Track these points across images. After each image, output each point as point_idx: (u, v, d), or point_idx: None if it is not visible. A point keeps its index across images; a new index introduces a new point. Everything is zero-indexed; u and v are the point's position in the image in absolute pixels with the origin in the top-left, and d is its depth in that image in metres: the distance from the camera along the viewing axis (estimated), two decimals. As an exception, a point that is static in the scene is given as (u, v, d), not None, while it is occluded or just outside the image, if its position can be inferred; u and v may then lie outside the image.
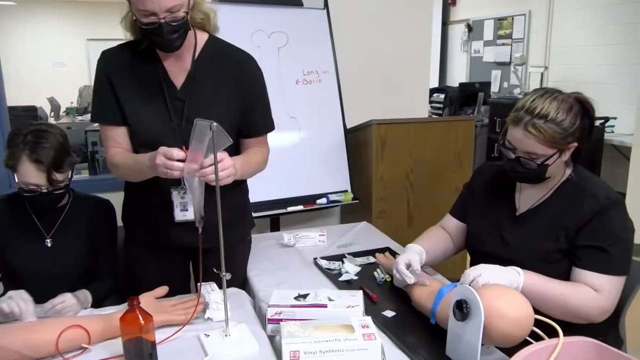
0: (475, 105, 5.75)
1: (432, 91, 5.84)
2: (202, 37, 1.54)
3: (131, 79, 1.50)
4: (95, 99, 1.55)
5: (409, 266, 1.50)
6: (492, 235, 1.55)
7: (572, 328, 1.26)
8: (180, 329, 1.34)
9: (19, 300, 1.35)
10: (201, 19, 1.52)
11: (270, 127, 1.66)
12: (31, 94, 6.90)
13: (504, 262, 1.39)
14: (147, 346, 1.18)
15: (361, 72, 2.98)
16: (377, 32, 3.00)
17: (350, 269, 1.73)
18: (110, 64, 1.51)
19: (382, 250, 1.88)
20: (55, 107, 7.35)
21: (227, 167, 1.33)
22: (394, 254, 1.84)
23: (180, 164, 1.29)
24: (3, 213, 1.68)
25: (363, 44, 2.97)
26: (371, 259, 1.84)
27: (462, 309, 1.16)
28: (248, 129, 1.60)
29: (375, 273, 1.72)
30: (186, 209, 1.53)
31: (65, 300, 1.47)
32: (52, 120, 6.77)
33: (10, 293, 1.39)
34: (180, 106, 1.50)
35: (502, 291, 1.20)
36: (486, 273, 1.33)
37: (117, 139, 1.54)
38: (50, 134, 1.57)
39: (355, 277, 1.70)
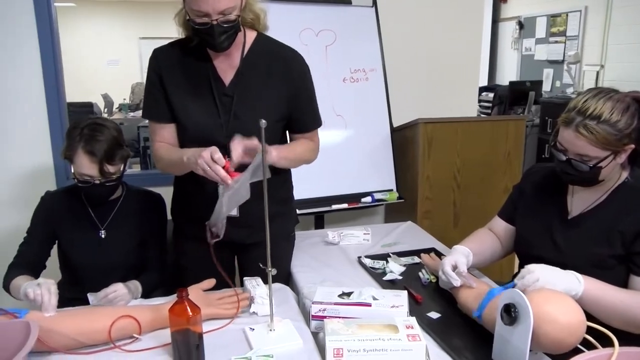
0: (525, 105, 5.59)
1: (481, 90, 5.71)
2: (251, 35, 1.57)
3: (181, 76, 1.54)
4: (146, 96, 1.60)
5: (455, 268, 1.48)
6: (542, 239, 1.50)
7: (628, 337, 1.21)
8: (229, 323, 1.37)
9: (44, 291, 1.33)
10: (251, 18, 1.55)
11: (318, 122, 1.67)
12: (86, 90, 7.18)
13: (556, 266, 1.35)
14: (194, 338, 1.21)
15: (409, 70, 2.95)
16: (426, 29, 2.96)
17: (395, 268, 1.72)
18: (162, 62, 1.55)
19: (428, 251, 1.85)
20: (108, 103, 7.61)
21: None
22: (439, 255, 1.82)
23: (220, 173, 1.32)
24: (62, 204, 1.75)
25: (411, 41, 2.94)
26: (416, 259, 1.82)
27: (510, 312, 1.13)
28: (297, 124, 1.62)
29: (420, 273, 1.70)
30: None
31: (117, 290, 1.52)
32: (105, 116, 7.02)
33: (40, 280, 1.38)
34: (228, 102, 1.53)
35: (553, 296, 1.16)
36: (544, 277, 1.27)
37: (164, 135, 1.59)
38: (105, 128, 1.64)
39: (400, 277, 1.69)
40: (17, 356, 1.01)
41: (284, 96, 1.56)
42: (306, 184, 1.89)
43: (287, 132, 1.68)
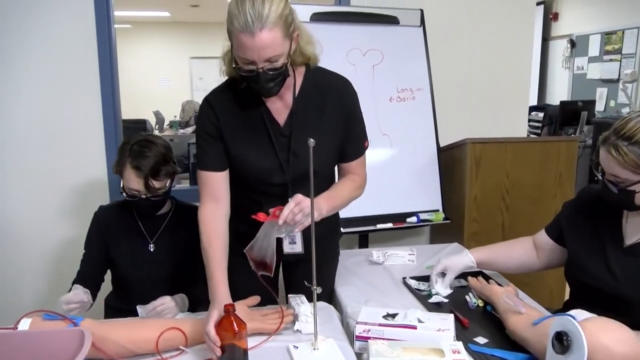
0: (577, 125, 5.42)
1: (531, 109, 5.58)
2: (301, 71, 1.53)
3: (236, 120, 1.51)
4: (199, 146, 1.54)
5: (441, 275, 1.62)
6: (596, 266, 1.44)
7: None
8: (269, 338, 1.37)
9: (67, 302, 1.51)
10: (301, 61, 1.50)
11: (362, 151, 1.63)
12: (139, 107, 7.46)
13: (611, 297, 1.29)
14: (239, 353, 1.22)
15: (457, 89, 2.92)
16: (474, 48, 2.94)
17: (441, 291, 1.69)
18: (217, 109, 1.51)
19: (475, 274, 1.81)
20: (159, 120, 7.87)
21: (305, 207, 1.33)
22: (487, 278, 1.77)
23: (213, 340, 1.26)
24: (114, 218, 1.82)
25: (460, 60, 2.92)
26: (463, 282, 1.78)
27: (562, 341, 1.09)
28: (345, 153, 1.60)
29: (467, 297, 1.66)
30: (294, 242, 1.56)
31: (165, 302, 1.56)
32: (156, 133, 7.27)
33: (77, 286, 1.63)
34: (285, 142, 1.51)
35: (608, 325, 1.11)
36: None
37: (214, 187, 1.53)
38: (153, 145, 1.70)
39: (446, 300, 1.65)
40: (72, 363, 1.05)
41: (337, 127, 1.54)
42: (351, 203, 1.88)
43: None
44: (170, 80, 10.13)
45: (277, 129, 1.51)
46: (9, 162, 2.63)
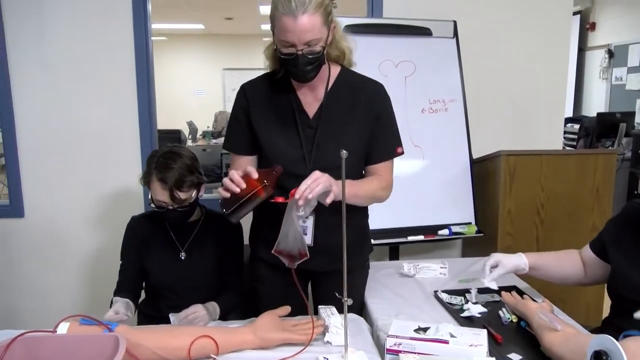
0: (614, 137, 5.27)
1: (566, 121, 5.46)
2: (335, 70, 1.60)
3: (267, 108, 1.59)
4: (229, 128, 1.68)
5: (494, 266, 1.58)
6: None
7: None
8: (303, 350, 1.37)
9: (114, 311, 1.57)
10: (336, 55, 1.58)
11: (390, 154, 1.64)
12: (173, 118, 7.61)
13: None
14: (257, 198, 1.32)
15: (490, 101, 2.89)
16: (509, 59, 2.90)
17: (474, 305, 1.66)
18: (249, 96, 1.61)
19: (508, 289, 1.77)
20: (193, 130, 8.01)
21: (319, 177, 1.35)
22: (521, 293, 1.73)
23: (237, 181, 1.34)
24: (145, 227, 1.85)
25: (493, 71, 2.88)
26: (496, 297, 1.74)
27: (601, 361, 1.05)
28: (372, 155, 1.62)
29: (500, 312, 1.62)
30: (305, 233, 1.57)
31: (197, 311, 1.58)
32: (189, 142, 7.40)
33: (117, 298, 1.67)
34: (311, 134, 1.56)
35: (650, 345, 1.07)
36: None
37: (242, 165, 1.56)
38: (178, 156, 1.71)
39: (478, 315, 1.62)
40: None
41: (365, 129, 1.58)
42: (382, 214, 1.88)
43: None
44: (203, 91, 10.33)
45: (306, 121, 1.57)
46: (48, 171, 2.72)
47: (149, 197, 1.76)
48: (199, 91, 10.24)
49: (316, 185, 1.32)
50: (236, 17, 8.42)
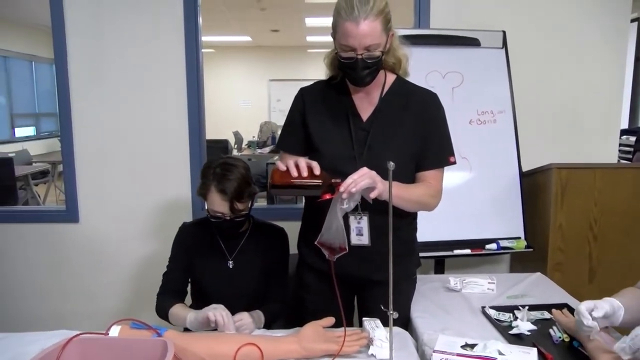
0: (675, 151, 5.03)
1: (622, 133, 5.24)
2: (390, 78, 1.65)
3: (322, 109, 1.65)
4: (284, 129, 1.73)
5: (591, 310, 1.33)
6: None
7: None
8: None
9: (223, 312, 1.54)
10: (393, 63, 1.63)
11: (442, 162, 1.64)
12: (219, 128, 7.78)
13: None
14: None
15: (541, 112, 2.81)
16: (560, 69, 2.82)
17: (523, 322, 1.61)
18: (306, 99, 1.67)
19: (560, 307, 1.71)
20: (238, 140, 8.16)
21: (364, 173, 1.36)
22: (573, 312, 1.67)
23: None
24: (196, 235, 1.89)
25: (544, 82, 2.81)
26: (546, 315, 1.69)
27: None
28: (422, 162, 1.62)
29: (551, 330, 1.57)
30: (361, 234, 1.57)
31: (243, 318, 1.60)
32: (235, 152, 7.53)
33: (214, 305, 1.58)
34: (363, 136, 1.59)
35: None
36: None
37: None
38: (235, 167, 1.74)
39: (528, 333, 1.57)
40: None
41: (416, 134, 1.60)
42: (428, 226, 1.85)
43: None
44: (249, 101, 10.52)
45: (359, 123, 1.61)
46: (102, 179, 2.82)
47: (206, 208, 1.79)
48: (245, 102, 10.45)
49: (361, 180, 1.34)
50: (282, 29, 8.56)
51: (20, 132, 8.59)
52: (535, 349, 1.34)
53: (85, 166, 2.82)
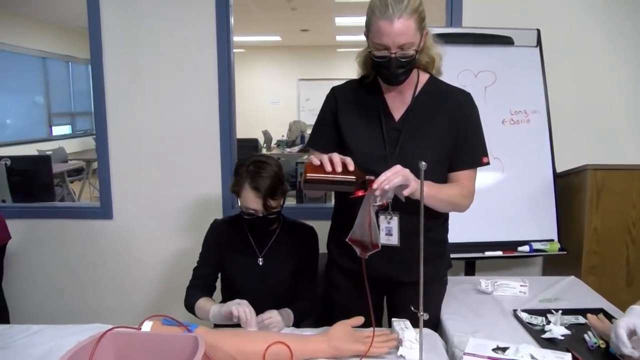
0: None
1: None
2: (424, 77, 1.63)
3: (354, 108, 1.64)
4: (315, 127, 1.73)
5: (632, 333, 1.30)
6: None
7: None
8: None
9: (247, 308, 1.53)
10: (426, 62, 1.62)
11: (475, 162, 1.62)
12: (249, 127, 7.85)
13: None
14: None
15: (576, 112, 2.74)
16: (597, 67, 2.75)
17: (556, 326, 1.57)
18: (338, 98, 1.67)
19: (595, 311, 1.66)
20: (267, 139, 8.22)
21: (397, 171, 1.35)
22: (609, 317, 1.62)
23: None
24: (227, 232, 1.91)
25: (580, 81, 2.74)
26: (581, 319, 1.64)
27: None
28: (455, 162, 1.61)
29: (586, 336, 1.53)
30: (391, 234, 1.57)
31: (272, 316, 1.60)
32: (264, 151, 7.59)
33: (238, 300, 1.59)
34: (395, 135, 1.58)
35: None
36: None
37: None
38: (268, 165, 1.76)
39: (561, 337, 1.53)
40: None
41: (449, 134, 1.58)
42: (459, 227, 1.83)
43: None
44: (278, 101, 10.58)
45: (391, 123, 1.60)
46: (135, 177, 2.88)
47: (238, 204, 1.81)
48: (274, 101, 10.51)
49: (395, 177, 1.33)
50: (312, 29, 8.58)
51: (57, 130, 8.85)
52: (569, 355, 1.31)
53: (119, 164, 2.88)
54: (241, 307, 1.54)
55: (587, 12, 2.72)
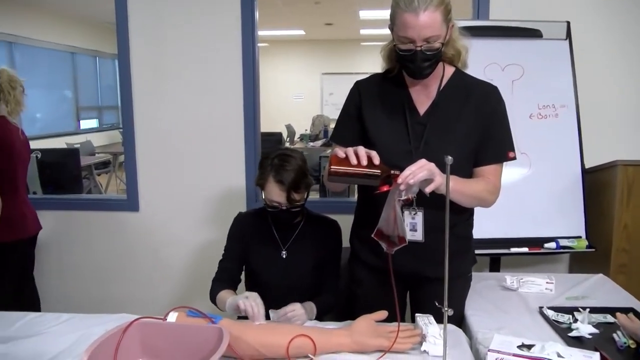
0: None
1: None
2: (449, 70, 1.61)
3: (378, 103, 1.63)
4: (339, 121, 1.72)
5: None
6: None
7: None
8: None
9: (253, 302, 1.50)
10: (452, 54, 1.59)
11: (500, 157, 1.60)
12: (272, 121, 7.88)
13: None
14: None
15: (606, 107, 2.68)
16: (628, 61, 2.67)
17: (583, 325, 1.54)
18: (362, 92, 1.66)
19: (625, 310, 1.62)
20: (291, 133, 8.23)
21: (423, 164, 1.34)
22: (639, 316, 1.59)
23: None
24: (251, 224, 1.92)
25: (610, 75, 2.68)
26: (609, 318, 1.61)
27: None
28: (480, 156, 1.58)
29: (615, 335, 1.50)
30: (415, 230, 1.56)
31: (295, 309, 1.61)
32: (287, 145, 7.62)
33: (247, 293, 1.57)
34: (420, 130, 1.57)
35: None
36: None
37: None
38: (292, 158, 1.77)
39: (589, 336, 1.51)
40: (212, 358, 1.13)
41: (475, 129, 1.56)
42: (484, 223, 1.81)
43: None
44: (302, 95, 10.58)
45: (415, 117, 1.58)
46: (161, 170, 2.92)
47: (262, 197, 1.82)
48: (298, 95, 10.52)
49: (420, 172, 1.32)
50: (336, 23, 8.55)
51: (84, 124, 9.03)
52: (597, 354, 1.28)
53: (145, 157, 2.92)
54: (248, 301, 1.51)
55: (620, 4, 2.65)
